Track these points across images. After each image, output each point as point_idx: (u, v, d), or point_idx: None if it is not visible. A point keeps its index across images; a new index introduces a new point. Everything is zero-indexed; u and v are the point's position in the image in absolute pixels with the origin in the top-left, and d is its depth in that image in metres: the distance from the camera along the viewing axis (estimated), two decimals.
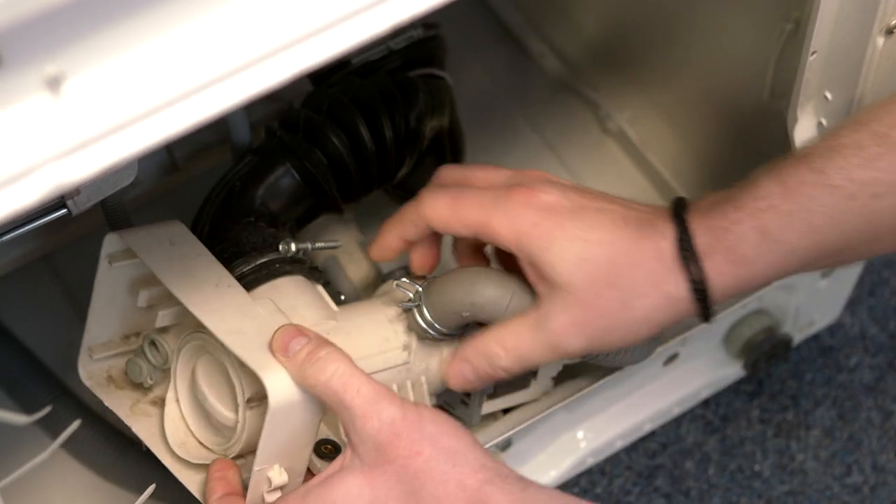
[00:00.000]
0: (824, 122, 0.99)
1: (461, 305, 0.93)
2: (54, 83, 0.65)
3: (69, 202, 0.91)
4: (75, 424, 0.95)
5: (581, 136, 1.26)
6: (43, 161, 0.65)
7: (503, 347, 0.91)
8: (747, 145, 1.16)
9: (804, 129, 1.00)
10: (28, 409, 1.02)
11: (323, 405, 0.88)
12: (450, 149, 1.11)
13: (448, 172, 0.97)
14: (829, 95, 0.98)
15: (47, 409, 0.84)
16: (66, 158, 0.65)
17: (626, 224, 0.89)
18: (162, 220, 0.94)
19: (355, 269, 1.12)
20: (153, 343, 0.95)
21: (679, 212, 0.89)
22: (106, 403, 0.95)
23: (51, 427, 0.97)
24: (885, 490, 1.15)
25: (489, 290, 0.92)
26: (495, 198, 0.91)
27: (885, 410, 1.19)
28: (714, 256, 0.87)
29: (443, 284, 0.94)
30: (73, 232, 1.10)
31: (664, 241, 0.88)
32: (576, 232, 0.88)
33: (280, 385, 0.86)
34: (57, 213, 0.91)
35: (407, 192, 1.09)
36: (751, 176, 0.89)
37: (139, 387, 0.96)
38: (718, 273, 0.87)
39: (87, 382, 0.95)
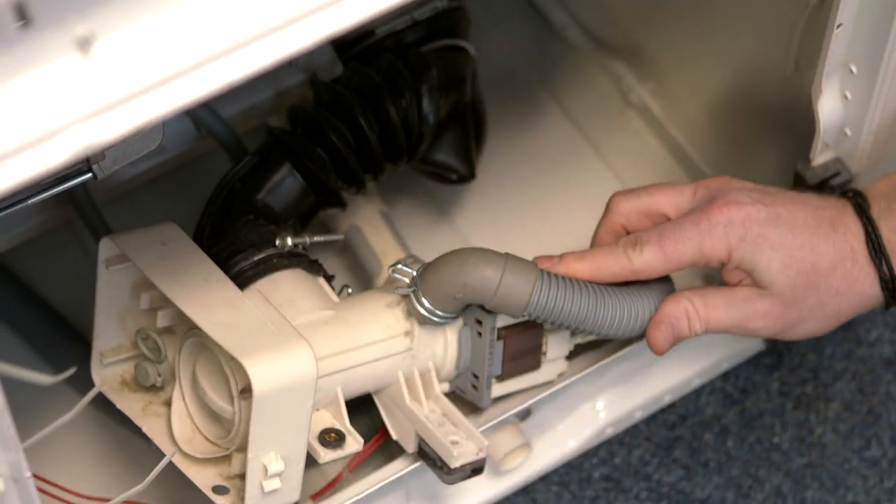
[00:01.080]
0: (849, 95, 0.99)
1: (453, 287, 0.93)
2: (84, 44, 0.65)
3: (94, 166, 0.91)
4: (95, 390, 0.95)
5: (603, 109, 1.26)
6: (72, 121, 0.65)
7: (697, 312, 0.95)
8: (771, 119, 1.16)
9: (828, 103, 1.00)
10: (58, 369, 1.03)
11: (313, 391, 0.88)
12: (472, 120, 1.12)
13: (626, 204, 0.99)
14: (854, 69, 0.98)
15: (72, 370, 0.84)
16: (94, 119, 0.66)
17: (819, 225, 0.94)
18: (184, 193, 0.94)
19: (378, 240, 1.12)
20: (147, 338, 0.96)
21: (864, 209, 0.94)
22: (118, 406, 0.96)
23: (80, 387, 0.97)
24: None
25: (479, 270, 0.92)
26: (696, 225, 0.94)
27: None
28: None
29: (435, 267, 0.94)
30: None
31: (855, 241, 0.94)
32: (779, 240, 0.94)
33: (264, 372, 0.86)
34: (82, 178, 0.92)
35: (430, 166, 1.10)
36: None
37: (152, 389, 0.97)
38: None
39: (101, 388, 0.96)
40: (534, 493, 1.14)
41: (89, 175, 0.92)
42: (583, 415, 1.13)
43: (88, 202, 1.02)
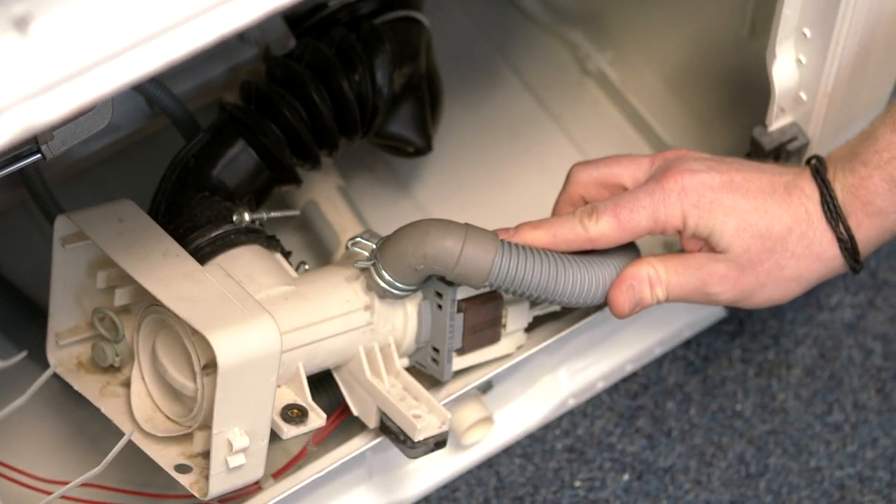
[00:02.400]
0: (803, 59, 0.99)
1: (414, 259, 0.93)
2: (22, 23, 0.64)
3: (43, 147, 0.90)
4: (49, 372, 0.95)
5: (561, 78, 1.26)
6: (12, 102, 0.65)
7: (658, 276, 0.96)
8: (728, 85, 1.16)
9: (783, 67, 1.00)
10: (23, 348, 1.02)
11: (278, 364, 0.88)
12: (427, 92, 1.11)
13: (584, 174, 0.99)
14: (807, 32, 0.97)
15: (22, 355, 0.83)
16: (35, 99, 0.65)
17: (774, 190, 0.95)
18: (140, 170, 0.93)
19: (335, 214, 1.11)
20: (104, 317, 0.95)
21: (821, 172, 0.95)
22: (75, 388, 0.95)
23: (41, 367, 0.97)
24: (865, 428, 1.15)
25: (440, 241, 0.92)
26: (651, 194, 0.95)
27: (865, 349, 1.19)
28: (855, 212, 0.94)
29: (395, 240, 0.94)
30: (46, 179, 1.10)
31: (810, 203, 0.94)
32: (732, 204, 0.94)
33: (228, 345, 0.86)
34: (32, 158, 0.91)
35: (387, 139, 1.09)
36: (869, 128, 0.94)
37: (109, 370, 0.96)
38: (860, 227, 0.94)
39: (58, 369, 0.96)
40: (497, 465, 1.14)
41: (38, 156, 0.91)
42: (545, 386, 1.13)
43: (40, 182, 1.01)
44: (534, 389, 1.13)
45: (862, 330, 1.19)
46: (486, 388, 1.09)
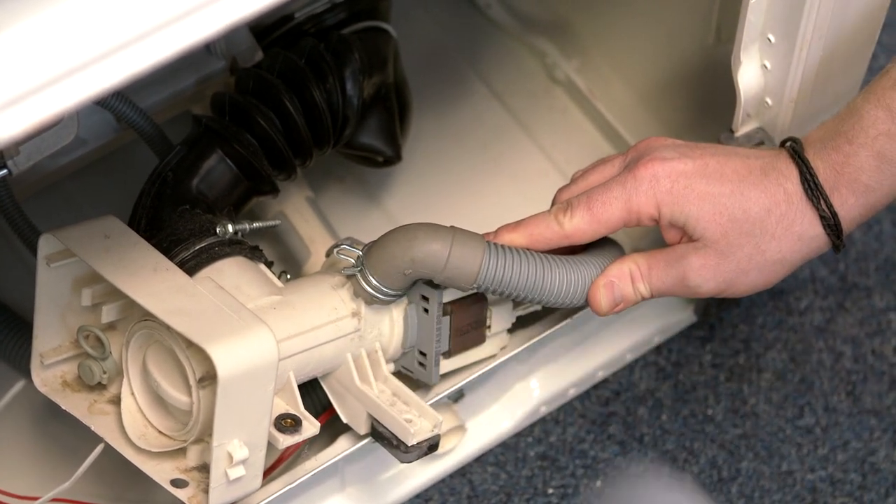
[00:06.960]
0: (768, 64, 0.99)
1: (402, 263, 0.93)
2: None
3: (9, 162, 0.90)
4: (18, 385, 0.94)
5: (529, 86, 1.26)
6: None
7: (640, 272, 0.95)
8: (695, 92, 1.16)
9: (748, 73, 1.00)
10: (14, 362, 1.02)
11: (275, 373, 0.87)
12: (396, 102, 1.11)
13: (566, 195, 0.98)
14: (771, 38, 0.98)
15: None
16: None
17: (749, 173, 0.93)
18: (110, 182, 0.93)
19: (305, 227, 1.11)
20: (88, 336, 0.94)
21: (798, 152, 0.93)
22: (63, 407, 0.95)
23: (26, 372, 0.96)
24: (836, 431, 1.16)
25: (428, 244, 0.92)
26: (623, 184, 0.94)
27: (835, 352, 1.19)
28: (839, 190, 0.92)
29: (382, 245, 0.94)
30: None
31: (789, 183, 0.93)
32: (706, 190, 0.93)
33: (228, 357, 0.85)
34: None
35: (356, 149, 1.09)
36: (850, 106, 0.93)
37: (96, 387, 0.96)
38: (844, 205, 0.92)
39: (42, 389, 0.95)
40: (470, 474, 1.14)
41: (4, 171, 0.90)
42: (516, 394, 1.13)
43: (8, 197, 1.00)
44: (505, 397, 1.13)
45: (832, 333, 1.20)
46: (457, 396, 1.09)
